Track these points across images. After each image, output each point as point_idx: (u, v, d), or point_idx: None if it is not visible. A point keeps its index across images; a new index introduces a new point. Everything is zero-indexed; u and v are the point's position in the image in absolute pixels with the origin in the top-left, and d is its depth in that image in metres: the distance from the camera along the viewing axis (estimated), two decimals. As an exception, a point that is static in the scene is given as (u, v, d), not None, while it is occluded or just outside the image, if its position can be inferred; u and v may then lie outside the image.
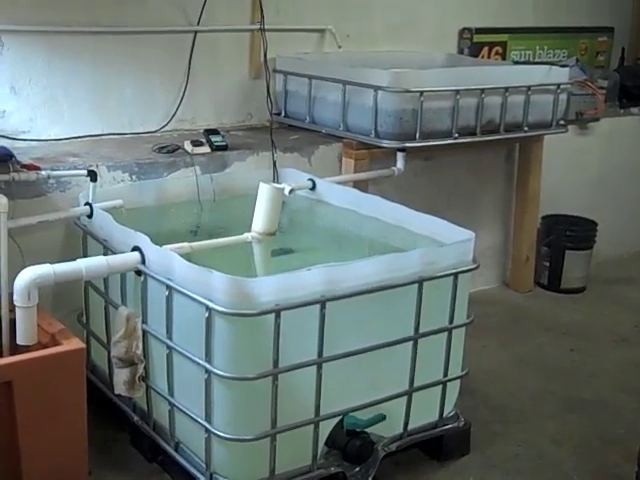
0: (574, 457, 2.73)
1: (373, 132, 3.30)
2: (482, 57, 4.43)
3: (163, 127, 3.46)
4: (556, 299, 4.14)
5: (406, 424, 2.51)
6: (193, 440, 2.33)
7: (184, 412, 2.32)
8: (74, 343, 2.29)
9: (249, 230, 2.76)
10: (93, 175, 2.76)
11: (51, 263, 2.26)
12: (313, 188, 3.09)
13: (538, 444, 2.79)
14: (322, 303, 2.19)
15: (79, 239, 2.73)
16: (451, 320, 2.51)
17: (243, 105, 3.70)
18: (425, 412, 2.56)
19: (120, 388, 2.44)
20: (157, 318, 2.35)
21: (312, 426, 2.30)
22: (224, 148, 3.21)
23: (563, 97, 3.72)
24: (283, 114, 3.69)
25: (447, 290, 2.47)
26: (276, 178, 3.17)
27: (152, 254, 2.34)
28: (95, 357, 2.76)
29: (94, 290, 2.68)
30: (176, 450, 2.42)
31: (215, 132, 3.27)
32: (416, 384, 2.48)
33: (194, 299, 2.17)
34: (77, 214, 2.72)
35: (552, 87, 3.65)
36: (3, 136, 3.07)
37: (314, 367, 2.24)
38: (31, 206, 2.72)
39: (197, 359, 2.20)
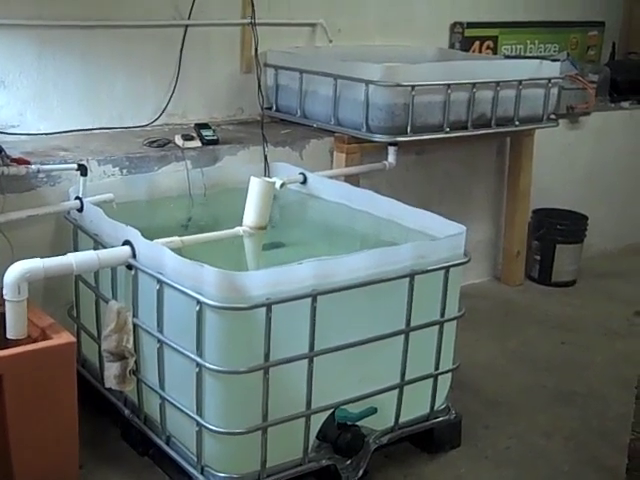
0: (565, 449, 2.75)
1: (364, 126, 3.29)
2: (473, 51, 4.43)
3: (154, 121, 3.45)
4: (547, 292, 4.15)
5: (397, 417, 2.51)
6: (184, 434, 2.33)
7: (175, 406, 2.31)
8: (64, 337, 2.28)
9: (240, 224, 2.76)
10: (83, 169, 2.75)
11: (41, 257, 2.26)
12: (304, 182, 3.09)
13: (529, 437, 2.80)
14: (313, 297, 2.19)
15: (69, 233, 2.72)
16: (442, 313, 2.51)
17: (234, 99, 3.69)
18: (416, 405, 2.57)
19: (111, 382, 2.43)
20: (148, 312, 2.34)
21: (303, 419, 2.30)
22: (215, 142, 3.20)
23: (554, 91, 3.73)
24: (274, 108, 3.68)
25: (438, 284, 2.47)
26: (267, 172, 3.17)
27: (143, 248, 2.33)
28: (86, 351, 2.76)
29: (84, 284, 2.67)
30: (167, 444, 2.42)
31: (206, 126, 3.26)
32: (407, 377, 2.48)
33: (185, 293, 2.16)
34: (67, 208, 2.72)
35: (543, 81, 3.65)
36: (-8, 130, 3.07)
37: (305, 361, 2.24)
38: (21, 200, 2.71)
39: (188, 353, 2.20)
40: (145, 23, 3.37)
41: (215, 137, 3.21)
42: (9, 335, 2.24)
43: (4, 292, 2.20)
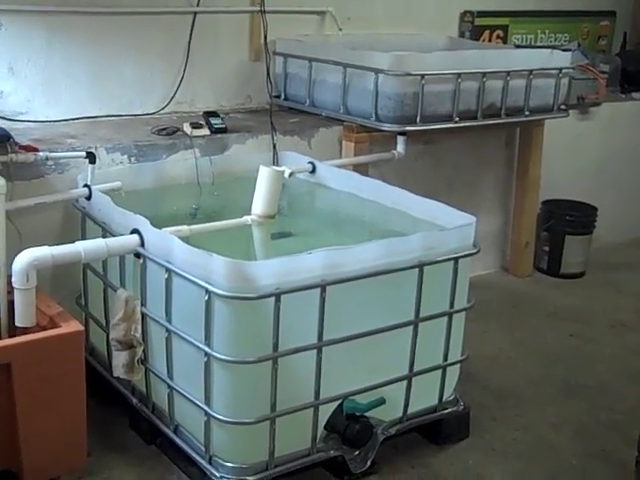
0: (573, 442, 2.74)
1: (374, 115, 3.28)
2: (483, 41, 4.41)
3: (162, 109, 3.44)
4: (556, 284, 4.14)
5: (406, 408, 2.51)
6: (192, 423, 2.33)
7: (183, 395, 2.31)
8: (73, 325, 2.28)
9: (249, 213, 2.75)
10: (92, 157, 2.75)
11: (49, 245, 2.25)
12: (313, 171, 3.08)
13: (537, 429, 2.79)
14: (322, 287, 2.18)
15: (77, 221, 2.72)
16: (451, 305, 2.50)
17: (243, 87, 3.68)
18: (425, 396, 2.56)
19: (119, 371, 2.43)
20: (156, 301, 2.34)
21: (312, 410, 2.29)
22: (223, 130, 3.19)
23: (564, 81, 3.71)
24: (283, 97, 3.67)
25: (447, 275, 2.46)
26: (276, 161, 3.16)
27: (151, 237, 2.32)
28: (94, 340, 2.75)
29: (93, 272, 2.67)
30: (175, 433, 2.42)
31: (214, 114, 3.25)
32: (416, 368, 2.47)
33: (194, 282, 2.16)
34: (75, 196, 2.71)
35: (554, 71, 3.63)
36: (1, 117, 3.05)
37: (314, 351, 2.23)
38: (29, 188, 2.71)
39: (197, 342, 2.19)
40: (154, 10, 3.36)
41: (224, 125, 3.20)
42: (18, 323, 2.23)
43: (12, 280, 2.20)
